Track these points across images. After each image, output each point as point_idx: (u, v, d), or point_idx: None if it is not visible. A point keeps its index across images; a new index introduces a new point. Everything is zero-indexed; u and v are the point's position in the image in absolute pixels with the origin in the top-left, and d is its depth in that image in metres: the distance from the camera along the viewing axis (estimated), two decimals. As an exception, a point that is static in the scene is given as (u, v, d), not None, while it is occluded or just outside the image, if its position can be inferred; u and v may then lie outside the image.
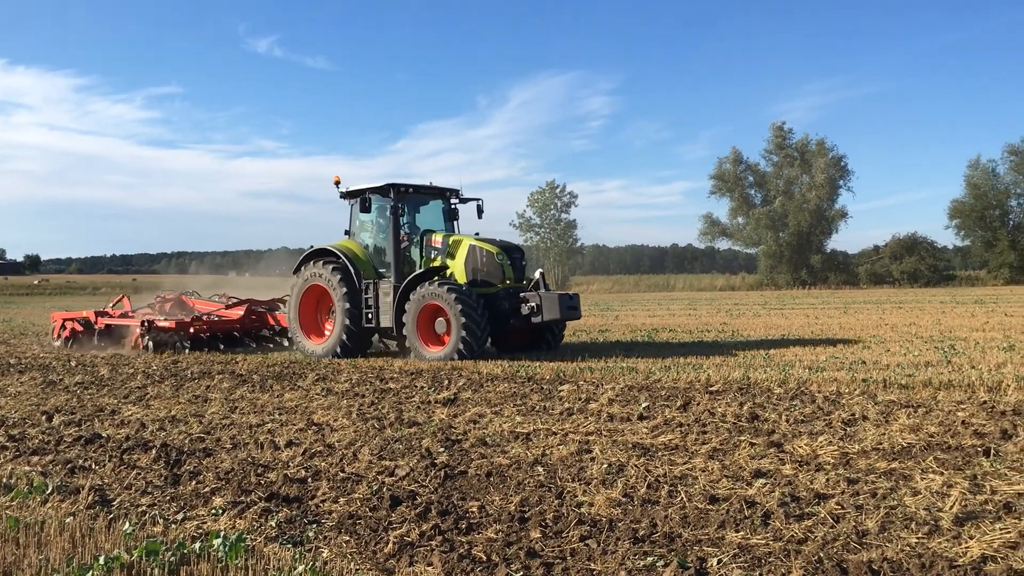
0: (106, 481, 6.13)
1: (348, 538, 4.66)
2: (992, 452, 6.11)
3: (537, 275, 14.33)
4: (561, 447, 6.76)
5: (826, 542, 4.33)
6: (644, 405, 8.51)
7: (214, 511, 5.23)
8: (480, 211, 15.93)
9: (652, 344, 16.47)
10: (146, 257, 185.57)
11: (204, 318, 17.76)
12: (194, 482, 6.00)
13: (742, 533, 4.52)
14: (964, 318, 21.69)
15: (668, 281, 74.40)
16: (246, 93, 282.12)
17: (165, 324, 17.04)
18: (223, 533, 4.59)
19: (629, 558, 4.18)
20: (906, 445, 6.45)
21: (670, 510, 4.98)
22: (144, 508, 5.36)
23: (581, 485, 5.60)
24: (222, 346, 17.05)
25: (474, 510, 5.12)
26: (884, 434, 6.82)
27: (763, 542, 4.37)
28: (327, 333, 15.75)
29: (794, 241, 64.64)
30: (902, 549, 4.20)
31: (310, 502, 5.44)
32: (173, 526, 4.92)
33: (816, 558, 4.09)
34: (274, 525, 4.89)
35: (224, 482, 5.95)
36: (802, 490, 5.31)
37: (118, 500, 5.58)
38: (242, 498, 5.48)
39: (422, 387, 10.57)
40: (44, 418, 8.99)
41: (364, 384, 11.09)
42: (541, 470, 6.05)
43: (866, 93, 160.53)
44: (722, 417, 7.79)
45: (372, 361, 14.12)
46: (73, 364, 14.79)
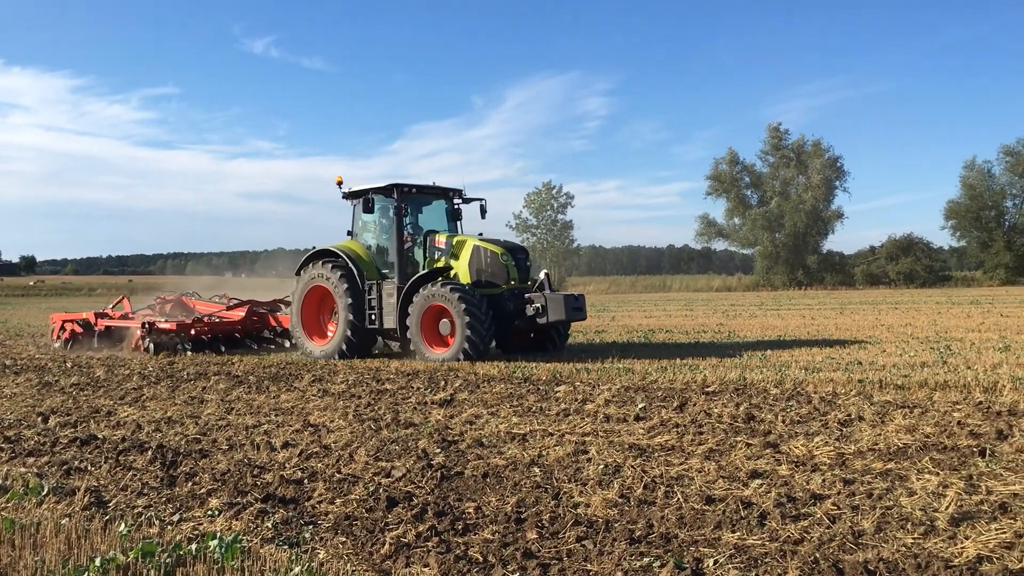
0: (102, 482, 6.12)
1: (344, 539, 4.66)
2: (988, 452, 6.12)
3: (542, 276, 14.24)
4: (557, 448, 6.76)
5: (822, 542, 4.34)
6: (640, 406, 8.51)
7: (210, 512, 5.23)
8: (483, 211, 15.88)
9: (648, 345, 16.48)
10: (142, 258, 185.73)
11: (205, 319, 17.61)
12: (190, 483, 5.99)
13: (738, 533, 4.53)
14: (960, 319, 21.73)
15: (664, 282, 74.50)
16: (242, 94, 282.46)
17: (166, 326, 16.88)
18: (219, 534, 4.58)
19: (625, 559, 4.18)
20: (902, 446, 6.46)
21: (666, 511, 4.98)
22: (140, 509, 5.34)
23: (577, 486, 5.60)
24: (223, 348, 16.88)
25: (470, 511, 5.12)
26: (880, 435, 6.83)
27: (759, 542, 4.38)
28: (330, 334, 15.63)
29: (790, 242, 64.75)
30: (898, 549, 4.21)
31: (306, 503, 5.43)
32: (169, 527, 4.91)
33: (812, 558, 4.10)
34: (270, 526, 4.89)
35: (220, 483, 5.95)
36: (798, 491, 5.31)
37: (114, 501, 5.57)
38: (238, 499, 5.47)
39: (418, 388, 10.57)
40: (40, 419, 8.97)
41: (360, 385, 11.08)
42: (537, 471, 6.05)
43: (862, 94, 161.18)
44: (718, 418, 7.80)
45: (369, 362, 14.11)
46: (69, 365, 14.76)
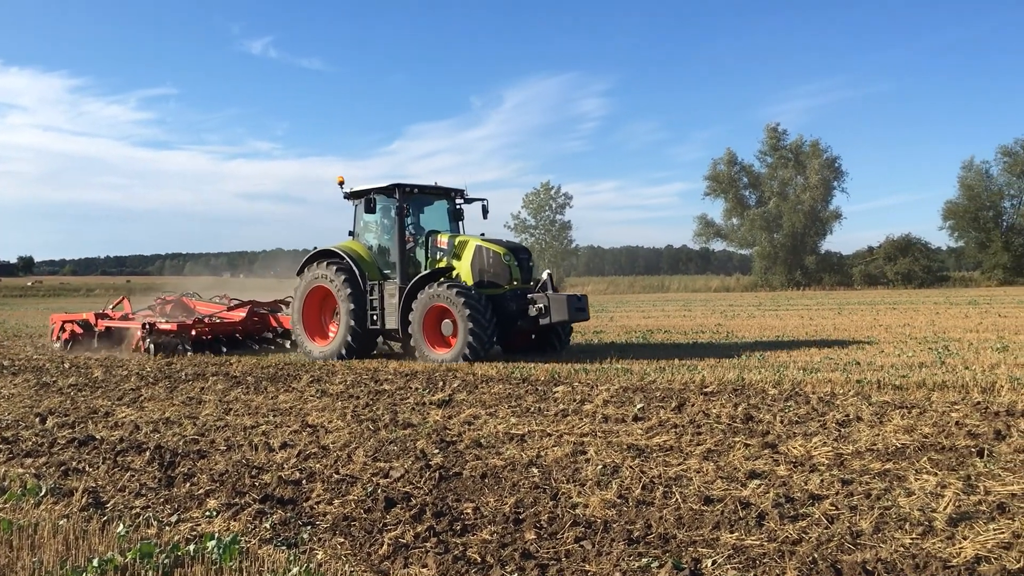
0: (100, 483, 6.11)
1: (342, 540, 4.66)
2: (986, 453, 6.13)
3: (545, 276, 14.16)
4: (556, 448, 6.76)
5: (820, 543, 4.34)
6: (639, 406, 8.51)
7: (208, 513, 5.22)
8: (485, 211, 15.84)
9: (647, 345, 16.48)
10: (140, 259, 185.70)
11: (206, 320, 17.54)
12: (188, 484, 5.99)
13: (737, 534, 4.53)
14: (958, 319, 21.75)
15: (663, 282, 74.43)
16: (241, 94, 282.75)
17: (167, 326, 16.79)
18: (217, 535, 4.58)
19: (624, 559, 4.18)
20: (900, 446, 6.46)
21: (665, 511, 4.98)
22: (138, 510, 5.34)
23: (576, 486, 5.60)
24: (224, 348, 16.79)
25: (469, 511, 5.12)
26: (878, 435, 6.84)
27: (758, 543, 4.38)
28: (331, 335, 15.56)
29: (788, 242, 64.73)
30: (896, 550, 4.21)
31: (304, 504, 5.43)
32: (167, 528, 4.91)
33: (810, 559, 4.10)
34: (268, 527, 4.88)
35: (218, 484, 5.94)
36: (796, 491, 5.32)
37: (112, 502, 5.57)
38: (236, 500, 5.47)
39: (417, 388, 10.56)
40: (38, 420, 8.96)
41: (359, 386, 11.07)
42: (536, 471, 6.05)
43: (860, 94, 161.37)
44: (717, 418, 7.80)
45: (367, 363, 14.10)
46: (67, 366, 14.74)
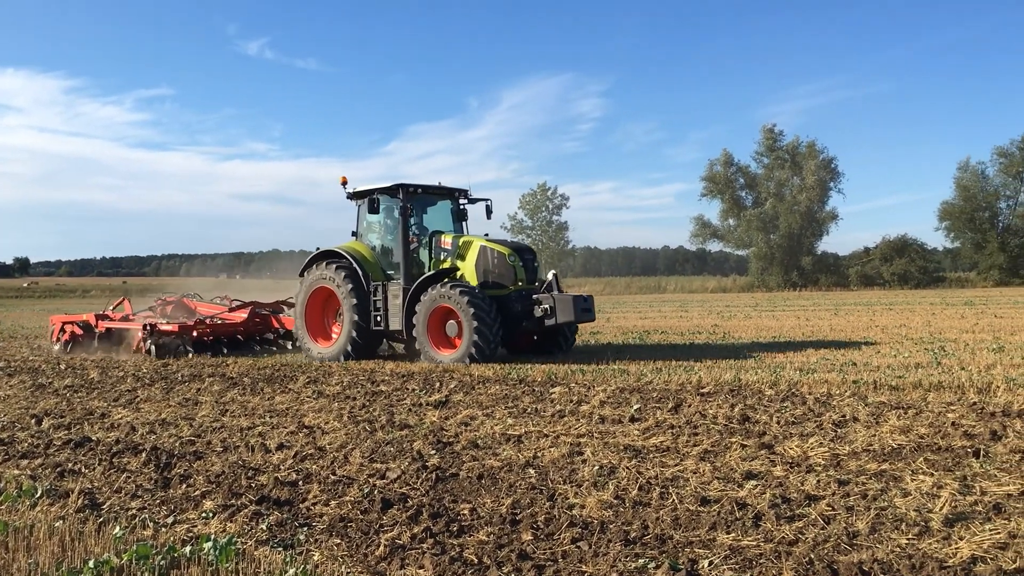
0: (96, 484, 6.10)
1: (339, 541, 4.65)
2: (982, 453, 6.14)
3: (550, 276, 14.03)
4: (552, 449, 6.76)
5: (817, 543, 4.35)
6: (635, 407, 8.51)
7: (204, 514, 5.22)
8: (489, 212, 15.78)
9: (643, 346, 16.48)
10: (136, 260, 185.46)
11: (207, 321, 17.45)
12: (184, 485, 5.98)
13: (733, 534, 4.53)
14: (954, 319, 21.78)
15: (659, 283, 74.46)
16: (237, 95, 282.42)
17: (168, 328, 16.69)
18: (213, 536, 4.57)
19: (620, 560, 4.18)
20: (896, 446, 6.47)
21: (661, 512, 4.98)
22: (134, 511, 5.33)
23: (572, 487, 5.60)
24: (225, 350, 16.69)
25: (465, 512, 5.12)
26: (874, 435, 6.85)
27: (754, 543, 4.38)
28: (334, 336, 15.45)
29: (785, 243, 64.78)
30: (892, 550, 4.21)
31: (301, 505, 5.42)
32: (163, 529, 4.90)
33: (807, 559, 4.10)
34: (265, 528, 4.88)
35: (215, 485, 5.93)
36: (793, 491, 5.32)
37: (108, 503, 5.56)
38: (233, 501, 5.46)
39: (413, 389, 10.56)
40: (33, 421, 8.94)
41: (355, 387, 11.07)
42: (532, 472, 6.05)
43: (856, 95, 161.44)
44: (713, 419, 7.81)
45: (363, 364, 14.08)
46: (63, 367, 14.72)
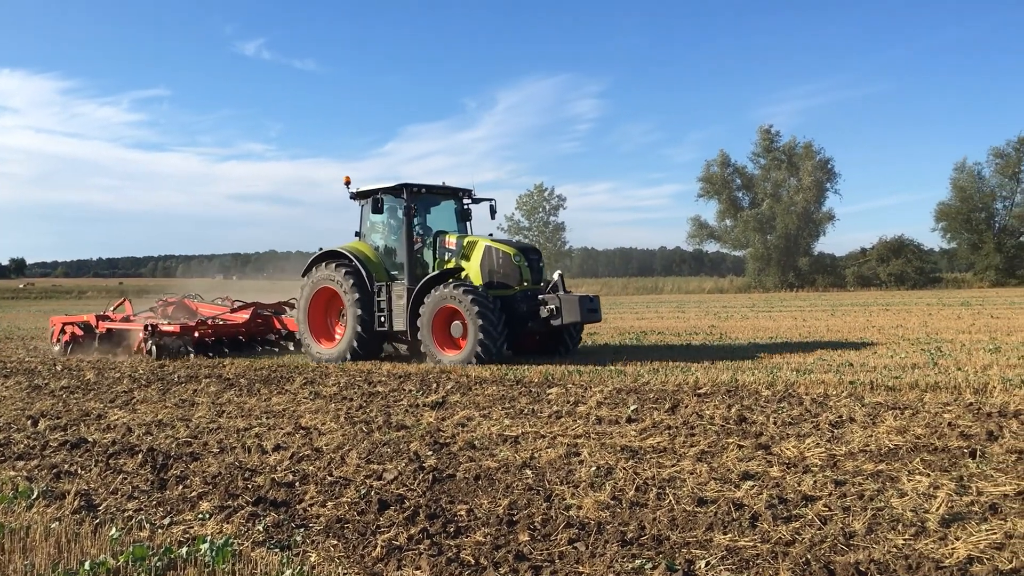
0: (92, 486, 6.09)
1: (336, 542, 4.65)
2: (978, 453, 6.14)
3: (555, 277, 13.93)
4: (549, 450, 6.76)
5: (813, 544, 4.35)
6: (632, 408, 8.51)
7: (201, 516, 5.21)
8: (493, 211, 15.72)
9: (640, 347, 16.49)
10: (132, 260, 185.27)
11: (209, 322, 17.35)
12: (181, 486, 5.97)
13: (730, 535, 4.54)
14: (950, 320, 21.82)
15: (657, 284, 74.58)
16: (234, 96, 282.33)
17: (169, 328, 16.59)
18: (210, 538, 4.57)
19: (617, 560, 4.18)
20: (893, 447, 6.48)
21: (658, 512, 4.98)
22: (130, 513, 5.32)
23: (569, 488, 5.60)
24: (227, 351, 16.64)
25: (462, 513, 5.11)
26: (871, 436, 6.85)
27: (751, 544, 4.38)
28: (337, 337, 15.40)
29: (782, 244, 64.89)
30: (889, 550, 4.22)
31: (298, 506, 5.42)
32: (160, 531, 4.89)
33: (804, 560, 4.10)
34: (261, 529, 4.87)
35: (211, 486, 5.93)
36: (790, 492, 5.32)
37: (104, 505, 5.55)
38: (229, 502, 5.46)
39: (410, 390, 10.55)
40: (29, 423, 8.93)
41: (352, 388, 11.06)
42: (529, 473, 6.05)
43: (853, 96, 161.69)
44: (710, 419, 7.81)
45: (360, 364, 14.07)
46: (59, 368, 14.69)
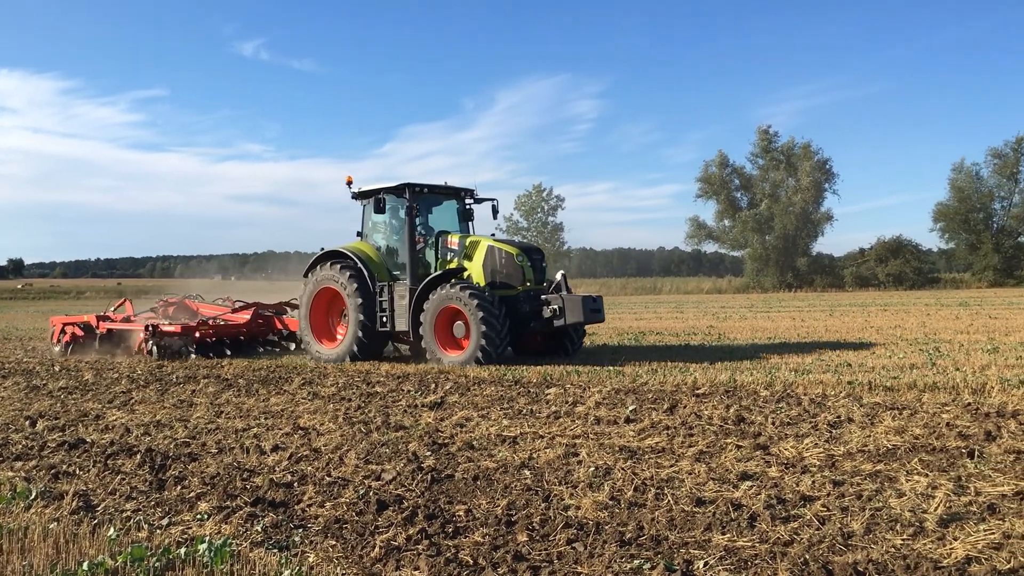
0: (90, 486, 6.08)
1: (334, 543, 4.65)
2: (976, 454, 6.15)
3: (558, 277, 13.87)
4: (548, 450, 6.76)
5: (812, 544, 4.35)
6: (631, 408, 8.52)
7: (199, 516, 5.21)
8: (495, 211, 15.67)
9: (639, 347, 16.50)
10: (130, 261, 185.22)
11: (210, 322, 17.29)
12: (179, 487, 5.97)
13: (728, 535, 4.54)
14: (948, 320, 21.84)
15: (655, 284, 74.56)
16: (232, 96, 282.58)
17: (170, 329, 16.52)
18: (208, 538, 4.56)
19: (616, 561, 4.18)
20: (891, 447, 6.48)
21: (657, 513, 4.98)
22: (129, 513, 5.32)
23: (568, 488, 5.60)
24: (229, 351, 16.58)
25: (461, 514, 5.11)
26: (869, 436, 6.86)
27: (749, 544, 4.39)
28: (339, 337, 15.33)
29: (780, 244, 64.93)
30: (887, 550, 4.22)
31: (296, 507, 5.41)
32: (158, 531, 4.89)
33: (802, 560, 4.11)
34: (260, 530, 4.87)
35: (209, 487, 5.92)
36: (788, 492, 5.33)
37: (102, 505, 5.54)
38: (228, 503, 5.45)
39: (409, 391, 10.55)
40: (27, 423, 8.92)
41: (350, 388, 11.05)
42: (528, 473, 6.05)
43: (853, 96, 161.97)
44: (708, 420, 7.81)
45: (359, 365, 14.06)
46: (57, 369, 14.68)
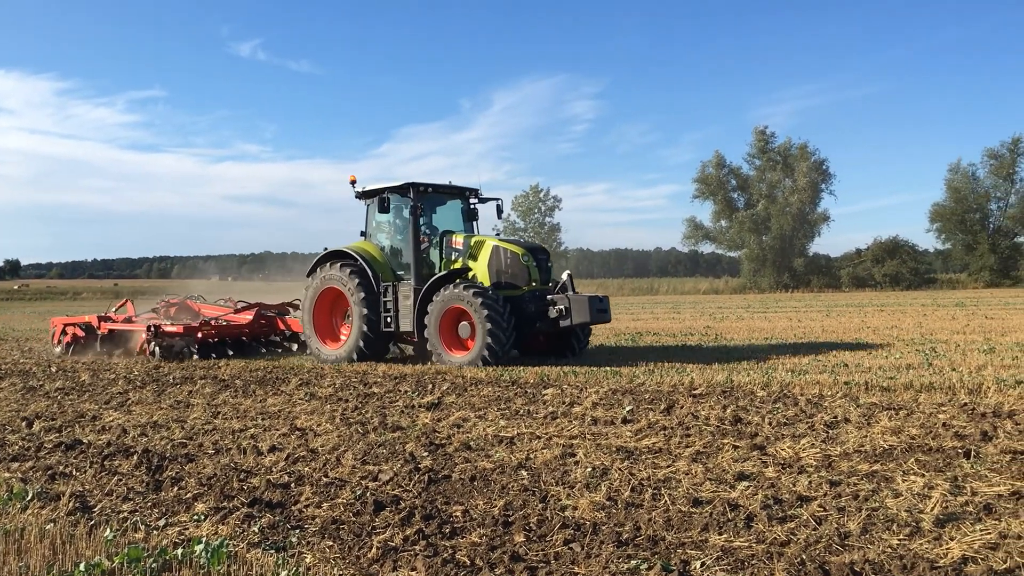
0: (87, 487, 6.08)
1: (331, 543, 4.64)
2: (972, 454, 6.16)
3: (564, 277, 13.78)
4: (545, 451, 6.76)
5: (808, 544, 4.36)
6: (628, 409, 8.52)
7: (196, 517, 5.20)
8: (500, 211, 15.60)
9: (636, 348, 16.51)
10: (127, 262, 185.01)
11: (213, 323, 17.22)
12: (176, 488, 5.96)
13: (725, 535, 4.54)
14: (945, 321, 21.88)
15: (652, 285, 74.54)
16: (229, 97, 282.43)
17: (172, 329, 16.45)
18: (205, 539, 4.56)
19: (613, 561, 4.19)
20: (888, 447, 6.49)
21: (654, 513, 4.99)
22: (125, 514, 5.31)
23: (565, 489, 5.60)
24: (231, 352, 16.52)
25: (458, 514, 5.11)
26: (866, 436, 6.87)
27: (746, 544, 4.39)
28: (343, 338, 15.29)
29: (777, 245, 64.99)
30: (884, 551, 4.23)
31: (293, 507, 5.41)
32: (155, 532, 4.88)
33: (799, 560, 4.11)
34: (257, 531, 4.87)
35: (206, 488, 5.92)
36: (785, 492, 5.34)
37: (99, 506, 5.54)
38: (224, 504, 5.45)
39: (406, 391, 10.55)
40: (24, 424, 8.90)
41: (347, 389, 11.05)
42: (525, 474, 6.05)
43: (850, 97, 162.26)
44: (705, 420, 7.82)
45: (356, 366, 14.05)
46: (54, 370, 14.65)
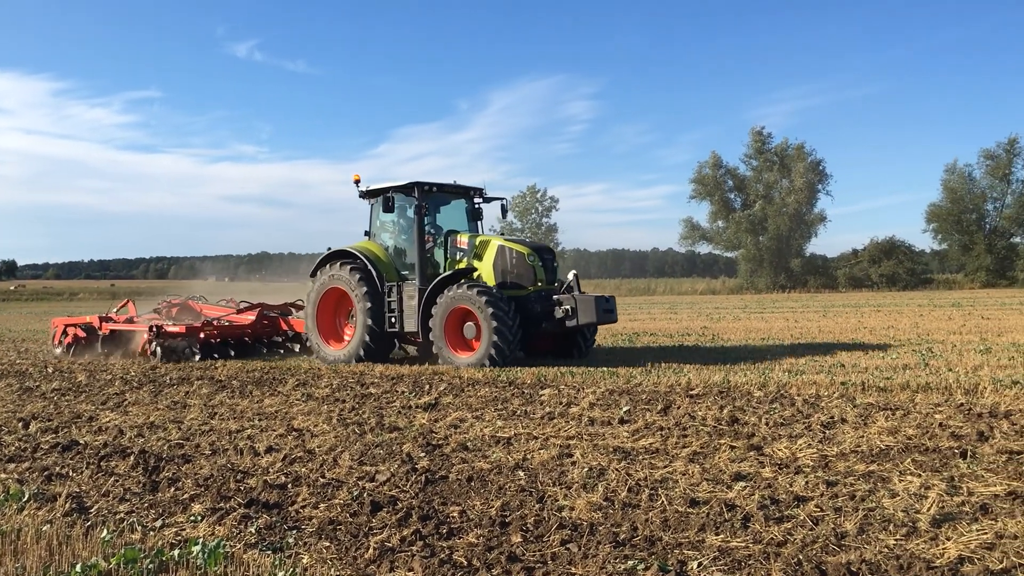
0: (83, 488, 6.07)
1: (328, 544, 4.64)
2: (969, 454, 6.17)
3: (570, 277, 13.74)
4: (542, 451, 6.76)
5: (805, 544, 4.36)
6: (625, 409, 8.53)
7: (193, 518, 5.19)
8: (504, 210, 15.57)
9: (633, 348, 16.52)
10: (124, 262, 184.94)
11: (215, 323, 17.13)
12: (173, 489, 5.95)
13: (722, 536, 4.55)
14: (941, 321, 21.92)
15: (649, 285, 74.61)
16: (226, 97, 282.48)
17: (174, 330, 16.35)
18: (202, 540, 4.55)
19: (610, 562, 4.19)
20: (884, 447, 6.50)
21: (651, 513, 4.99)
22: (122, 515, 5.30)
23: (562, 489, 5.60)
24: (233, 352, 16.46)
25: (455, 515, 5.11)
26: (862, 436, 6.88)
27: (743, 545, 4.40)
28: (347, 338, 15.21)
29: (774, 245, 65.05)
30: (880, 551, 4.24)
31: (290, 508, 5.41)
32: (151, 533, 4.88)
33: (795, 560, 4.12)
34: (253, 531, 4.86)
35: (203, 488, 5.91)
36: (781, 493, 5.34)
37: (96, 507, 5.53)
38: (221, 504, 5.45)
39: (403, 392, 10.54)
40: (20, 425, 8.89)
41: (345, 389, 11.04)
42: (522, 474, 6.05)
43: (847, 97, 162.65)
44: (702, 420, 7.83)
45: (353, 366, 14.04)
46: (50, 370, 14.63)
